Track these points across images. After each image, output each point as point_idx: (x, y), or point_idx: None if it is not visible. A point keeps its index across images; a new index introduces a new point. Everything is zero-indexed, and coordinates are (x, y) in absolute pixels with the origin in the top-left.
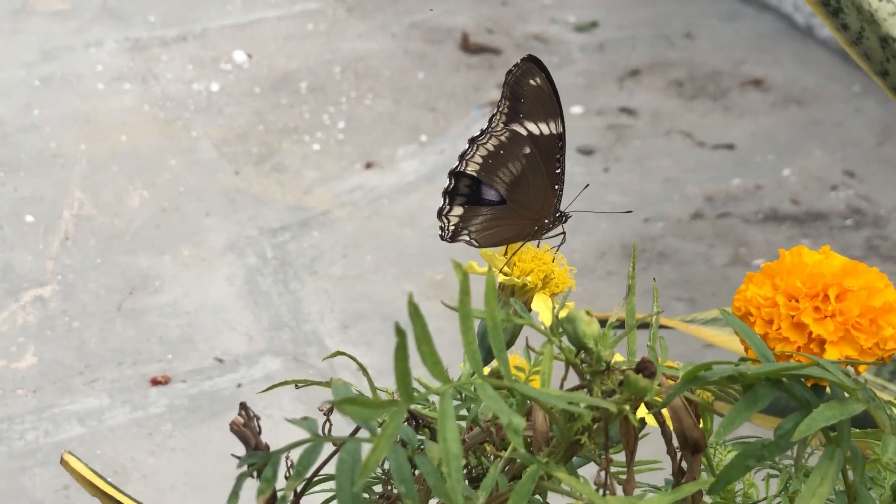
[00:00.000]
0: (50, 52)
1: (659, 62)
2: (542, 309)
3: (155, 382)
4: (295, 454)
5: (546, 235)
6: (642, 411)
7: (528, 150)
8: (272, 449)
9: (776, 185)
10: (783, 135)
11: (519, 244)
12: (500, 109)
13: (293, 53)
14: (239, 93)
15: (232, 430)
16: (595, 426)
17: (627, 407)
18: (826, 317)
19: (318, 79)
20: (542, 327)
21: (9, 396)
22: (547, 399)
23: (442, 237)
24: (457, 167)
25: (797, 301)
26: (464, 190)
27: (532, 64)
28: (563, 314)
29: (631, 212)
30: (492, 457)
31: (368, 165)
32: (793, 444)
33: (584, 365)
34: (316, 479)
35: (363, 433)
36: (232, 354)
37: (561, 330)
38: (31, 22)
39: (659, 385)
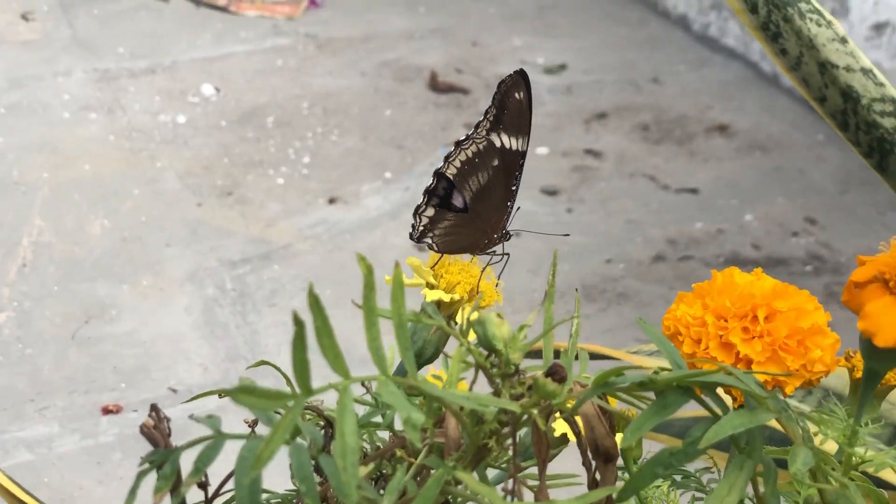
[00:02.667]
0: (18, 80)
1: (626, 106)
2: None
3: (106, 411)
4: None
5: (489, 251)
6: (561, 426)
7: (496, 163)
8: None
9: (738, 230)
10: (747, 180)
11: (440, 256)
12: (487, 116)
13: (262, 88)
14: (205, 125)
15: (142, 431)
16: (504, 430)
17: (535, 411)
18: (754, 337)
19: (286, 113)
20: (455, 332)
21: None
22: (450, 398)
23: (411, 236)
24: (441, 168)
25: (726, 321)
26: (440, 191)
27: (520, 78)
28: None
29: (568, 234)
30: (406, 464)
31: (332, 200)
32: (700, 451)
33: (493, 369)
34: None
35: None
36: (186, 385)
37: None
38: (0, 50)
39: (570, 391)
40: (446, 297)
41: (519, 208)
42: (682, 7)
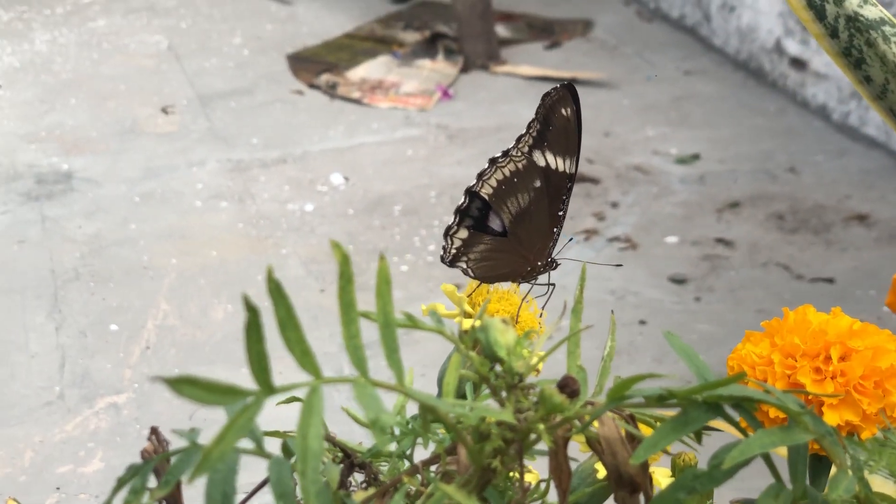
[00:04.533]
0: (154, 170)
1: (760, 195)
2: None
3: None
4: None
5: (535, 281)
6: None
7: (538, 184)
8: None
9: (876, 321)
10: (886, 270)
11: (477, 284)
12: (530, 131)
13: (390, 177)
14: (333, 213)
15: (142, 456)
16: (510, 449)
17: (542, 427)
18: (826, 378)
19: (413, 202)
20: (453, 337)
21: (72, 500)
22: (440, 406)
23: (443, 259)
24: (473, 185)
25: (795, 359)
26: (474, 212)
27: (568, 92)
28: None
29: (621, 265)
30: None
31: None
32: (727, 475)
33: (498, 380)
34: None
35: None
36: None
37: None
38: (139, 142)
39: (585, 406)
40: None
41: (571, 239)
42: (821, 97)
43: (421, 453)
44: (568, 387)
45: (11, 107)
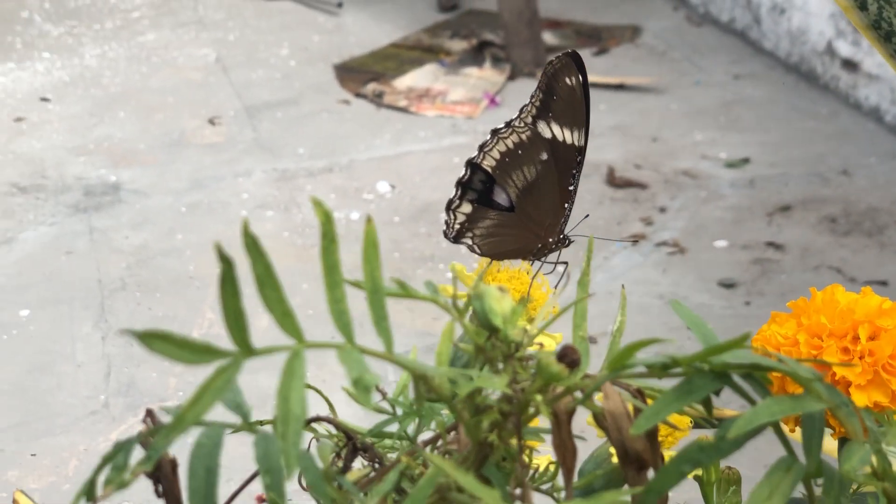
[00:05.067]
0: (200, 181)
1: (812, 199)
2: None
3: (260, 500)
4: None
5: (544, 259)
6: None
7: (545, 157)
8: None
9: None
10: None
11: (488, 263)
12: (533, 101)
13: (437, 185)
14: (379, 221)
15: (139, 441)
16: (508, 423)
17: (539, 398)
18: (854, 358)
19: None
20: (445, 304)
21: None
22: (427, 371)
23: (446, 234)
24: (474, 157)
25: (821, 339)
26: (477, 185)
27: (572, 61)
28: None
29: (636, 241)
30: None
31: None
32: (735, 446)
33: (495, 350)
34: None
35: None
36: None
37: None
38: (186, 153)
39: (585, 378)
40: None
41: (588, 215)
42: (874, 98)
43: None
44: (567, 356)
45: (61, 120)
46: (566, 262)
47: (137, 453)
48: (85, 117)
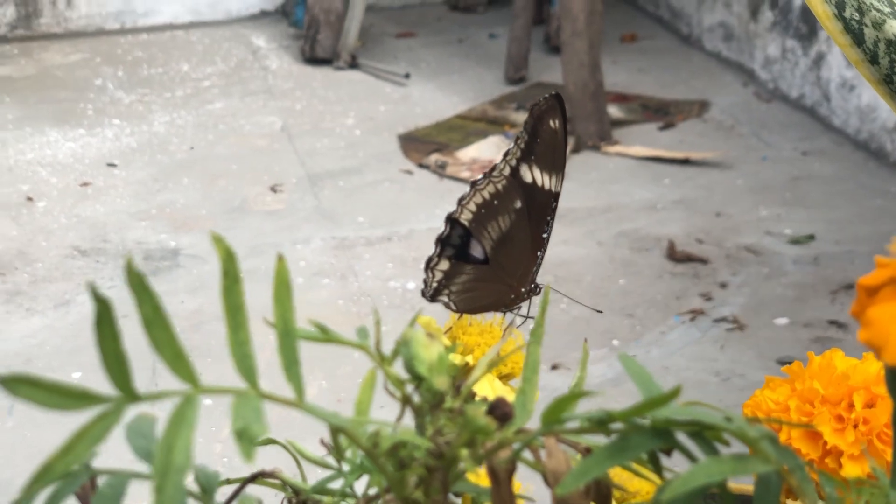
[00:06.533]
0: (258, 247)
1: None
2: (489, 393)
3: None
4: None
5: (515, 310)
6: None
7: (519, 205)
8: None
9: None
10: None
11: (458, 317)
12: (518, 143)
13: None
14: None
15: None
16: (435, 479)
17: (465, 452)
18: (848, 426)
19: None
20: (370, 350)
21: None
22: (343, 423)
23: (423, 293)
24: (454, 212)
25: (813, 406)
26: (455, 240)
27: (556, 102)
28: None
29: (601, 312)
30: None
31: (555, 367)
32: None
33: (421, 401)
34: None
35: None
36: None
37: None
38: (247, 220)
39: (518, 433)
40: (461, 363)
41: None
42: None
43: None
44: (498, 409)
45: (126, 185)
46: (531, 317)
47: None
48: (149, 183)
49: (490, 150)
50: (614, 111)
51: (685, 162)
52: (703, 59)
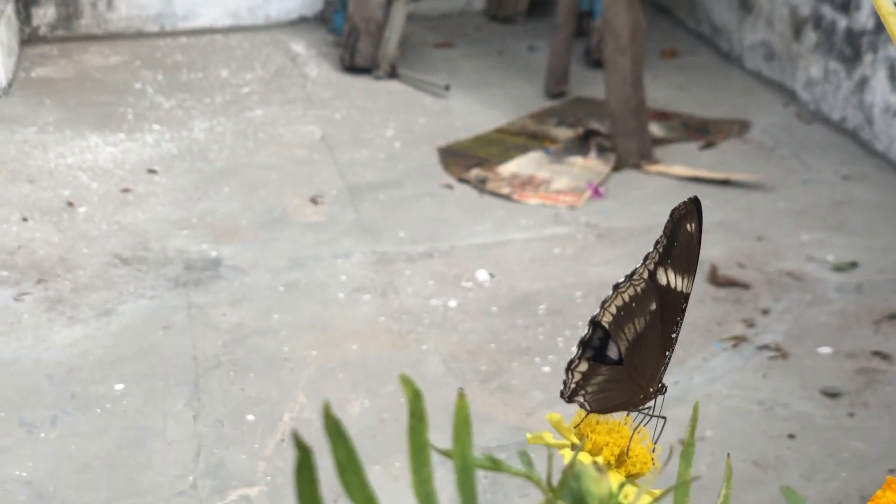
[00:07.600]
0: (299, 260)
1: None
2: None
3: None
4: None
5: (643, 409)
6: None
7: (653, 307)
8: None
9: None
10: None
11: (585, 414)
12: (657, 248)
13: (536, 275)
14: (476, 310)
15: None
16: None
17: None
18: None
19: (558, 301)
20: (542, 485)
21: None
22: None
23: (562, 394)
24: (596, 315)
25: None
26: (595, 342)
27: (694, 206)
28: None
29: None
30: None
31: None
32: None
33: None
34: None
35: None
36: None
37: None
38: (287, 231)
39: None
40: (590, 461)
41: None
42: None
43: None
44: None
45: (166, 192)
46: (664, 417)
47: None
48: (190, 190)
49: (530, 165)
50: (655, 129)
51: (726, 183)
52: (743, 77)
